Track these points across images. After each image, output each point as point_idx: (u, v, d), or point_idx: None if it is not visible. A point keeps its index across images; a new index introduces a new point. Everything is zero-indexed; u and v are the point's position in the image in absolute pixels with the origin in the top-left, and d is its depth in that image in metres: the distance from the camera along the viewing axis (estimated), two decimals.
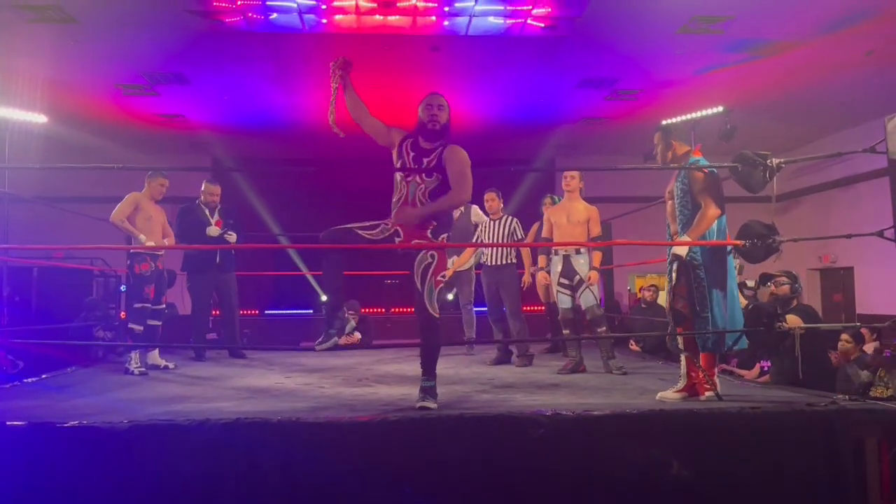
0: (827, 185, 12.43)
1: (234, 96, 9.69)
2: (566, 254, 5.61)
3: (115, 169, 4.02)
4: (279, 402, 4.05)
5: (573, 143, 12.05)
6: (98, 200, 11.09)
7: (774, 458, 3.32)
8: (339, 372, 5.55)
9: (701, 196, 3.94)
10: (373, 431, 3.18)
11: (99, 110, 9.93)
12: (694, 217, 3.95)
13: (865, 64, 8.41)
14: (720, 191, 4.00)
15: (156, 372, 5.64)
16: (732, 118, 9.00)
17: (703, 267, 3.93)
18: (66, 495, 2.99)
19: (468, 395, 4.29)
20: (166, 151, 12.31)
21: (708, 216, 3.91)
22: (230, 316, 6.88)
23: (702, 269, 3.93)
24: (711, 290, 3.92)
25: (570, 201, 5.68)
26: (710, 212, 3.91)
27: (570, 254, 5.59)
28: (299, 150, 12.37)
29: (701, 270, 3.93)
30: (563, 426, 3.26)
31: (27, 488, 3.00)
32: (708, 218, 3.91)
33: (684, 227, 4.01)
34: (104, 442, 3.03)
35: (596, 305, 5.56)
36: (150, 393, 4.50)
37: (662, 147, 4.23)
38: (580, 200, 5.66)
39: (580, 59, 8.48)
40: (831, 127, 11.33)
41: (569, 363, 5.60)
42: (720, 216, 3.97)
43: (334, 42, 8.00)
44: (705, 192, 3.93)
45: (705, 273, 3.93)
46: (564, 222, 5.64)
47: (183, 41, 7.79)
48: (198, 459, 3.04)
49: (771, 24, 7.43)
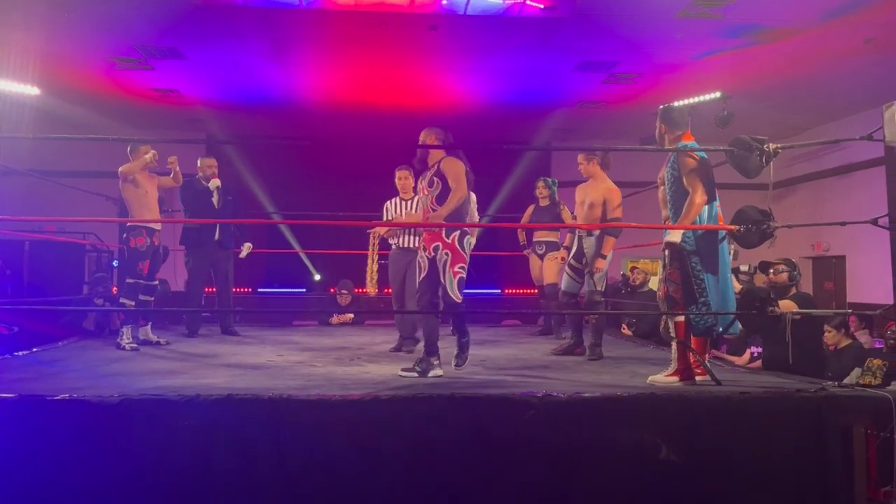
0: (821, 173, 12.43)
1: (230, 72, 9.59)
2: (580, 234, 5.49)
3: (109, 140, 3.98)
4: (271, 379, 4.05)
5: (569, 127, 12.00)
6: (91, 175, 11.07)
7: (764, 443, 3.34)
8: (331, 351, 5.57)
9: (690, 182, 3.92)
10: (364, 410, 3.18)
11: (92, 84, 9.82)
12: (684, 203, 3.94)
13: (864, 52, 8.37)
14: (710, 177, 3.98)
15: (148, 347, 5.63)
16: (730, 104, 8.99)
17: (698, 254, 3.93)
18: (55, 468, 2.99)
19: (460, 376, 4.29)
20: (160, 127, 12.20)
21: (696, 203, 3.90)
22: (225, 293, 6.86)
23: (696, 256, 3.93)
24: (706, 277, 3.92)
25: (589, 184, 5.52)
26: (697, 199, 3.89)
27: (583, 235, 5.43)
28: (295, 127, 12.30)
29: (695, 257, 3.93)
30: (554, 408, 3.27)
31: (16, 461, 3.00)
32: (696, 205, 3.90)
33: (675, 213, 4.00)
34: (94, 415, 3.03)
35: (595, 292, 5.40)
36: (141, 368, 4.49)
37: (660, 129, 4.25)
38: (602, 181, 5.45)
39: (579, 42, 8.42)
40: (829, 115, 11.30)
41: (563, 345, 5.61)
42: (709, 203, 3.95)
43: (331, 19, 7.92)
44: (694, 177, 3.91)
45: (700, 260, 3.92)
46: (579, 203, 5.55)
47: (179, 15, 7.67)
48: (188, 435, 3.04)
49: (771, 10, 7.37)
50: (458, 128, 12.58)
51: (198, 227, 6.52)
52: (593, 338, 5.37)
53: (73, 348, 5.49)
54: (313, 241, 11.10)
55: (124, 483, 3.02)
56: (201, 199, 6.55)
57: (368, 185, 11.70)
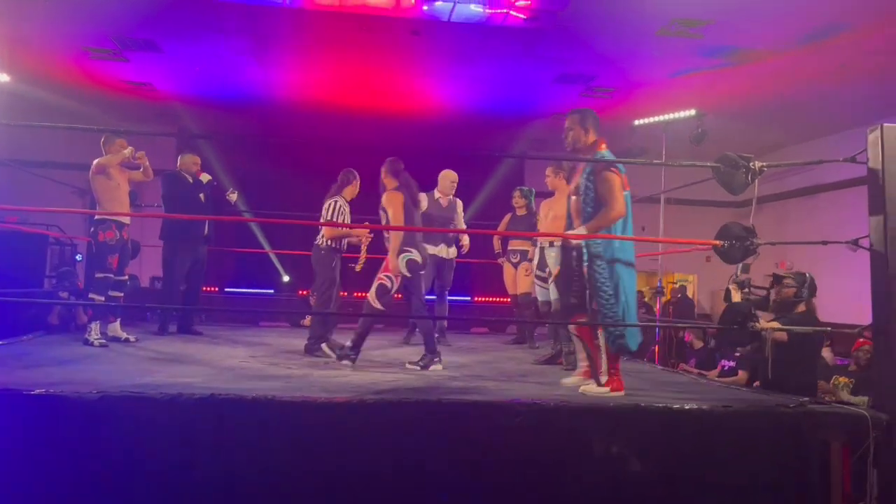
0: (786, 194, 12.73)
1: (207, 67, 9.46)
2: (542, 246, 5.61)
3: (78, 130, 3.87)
4: (249, 381, 3.97)
5: (544, 138, 12.08)
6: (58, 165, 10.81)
7: (744, 457, 3.38)
8: (305, 354, 5.48)
9: (609, 193, 3.88)
10: (350, 413, 3.14)
11: (63, 73, 9.60)
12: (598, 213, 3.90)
13: (838, 76, 8.61)
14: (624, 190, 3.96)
15: (116, 344, 5.49)
16: (704, 122, 9.15)
17: (614, 262, 3.88)
18: (31, 464, 2.89)
19: (440, 382, 4.27)
20: (132, 119, 11.95)
21: (613, 215, 3.87)
22: (196, 290, 6.73)
23: (604, 261, 3.87)
24: (620, 288, 3.86)
25: (554, 198, 5.65)
26: (615, 212, 3.87)
27: (545, 246, 5.58)
28: (271, 126, 12.15)
29: (603, 262, 3.86)
30: (540, 415, 3.26)
31: None
32: (613, 216, 3.88)
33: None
34: (72, 412, 2.93)
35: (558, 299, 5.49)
36: (113, 365, 4.38)
37: (575, 132, 4.12)
38: (564, 195, 5.57)
39: (559, 54, 8.50)
40: (800, 136, 11.58)
41: (544, 354, 5.65)
42: (625, 216, 3.95)
43: (314, 19, 7.87)
44: (614, 188, 3.88)
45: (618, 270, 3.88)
46: (542, 216, 5.66)
47: (156, 7, 7.55)
48: (170, 433, 2.97)
49: (749, 32, 7.54)
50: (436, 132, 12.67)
51: (184, 221, 6.39)
52: (565, 345, 5.41)
53: (38, 343, 5.32)
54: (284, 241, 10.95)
55: (101, 481, 2.93)
56: (190, 193, 6.43)
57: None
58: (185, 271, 6.49)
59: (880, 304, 3.54)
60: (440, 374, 4.67)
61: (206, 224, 6.51)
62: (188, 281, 6.57)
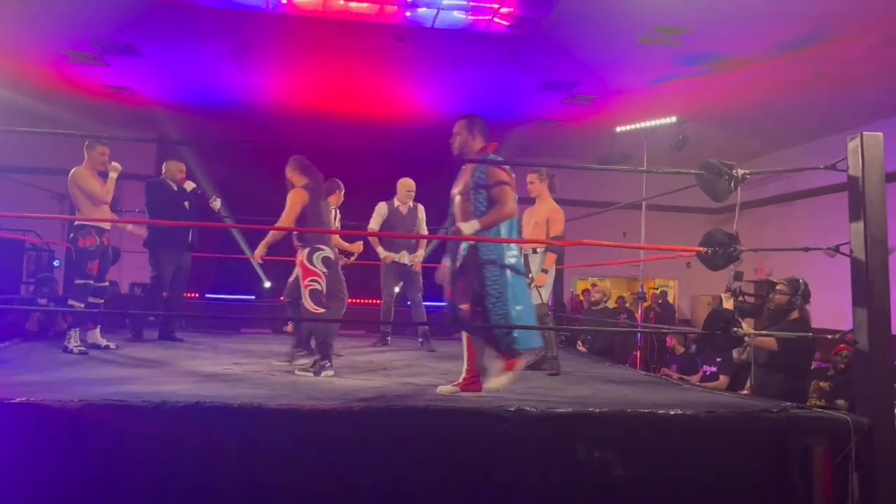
0: (763, 201, 12.91)
1: (188, 72, 9.41)
2: (525, 252, 5.64)
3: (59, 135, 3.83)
4: (233, 387, 3.94)
5: (527, 145, 12.15)
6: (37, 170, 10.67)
7: (727, 462, 3.40)
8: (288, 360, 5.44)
9: (500, 193, 3.93)
10: (338, 420, 3.12)
11: (42, 77, 9.49)
12: None
13: (815, 84, 8.74)
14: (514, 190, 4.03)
15: (96, 351, 5.42)
16: (685, 129, 9.24)
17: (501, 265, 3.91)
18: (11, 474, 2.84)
19: (425, 388, 4.26)
20: (112, 124, 11.83)
21: (507, 211, 3.93)
22: (178, 297, 6.68)
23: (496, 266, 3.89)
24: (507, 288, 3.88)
25: (535, 205, 5.70)
26: (508, 209, 3.93)
27: (528, 253, 5.62)
28: (253, 131, 12.10)
29: (495, 268, 3.89)
30: (526, 422, 3.26)
31: None
32: (505, 213, 3.93)
33: None
34: (54, 421, 2.88)
35: (539, 305, 5.44)
36: (94, 373, 4.31)
37: (462, 137, 4.18)
38: (545, 202, 5.65)
39: (542, 61, 8.55)
40: (779, 143, 11.75)
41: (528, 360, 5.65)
42: (514, 216, 4.01)
43: (296, 24, 7.86)
44: (505, 189, 3.94)
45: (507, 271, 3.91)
46: (525, 224, 5.69)
47: (136, 11, 7.50)
48: (154, 441, 2.93)
49: (727, 40, 7.65)
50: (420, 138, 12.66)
51: (170, 228, 6.33)
52: (549, 349, 5.44)
53: (17, 350, 5.24)
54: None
55: (83, 491, 2.88)
56: (174, 201, 6.38)
57: None
58: (168, 279, 6.44)
59: (860, 309, 3.59)
60: (425, 381, 4.65)
61: (191, 232, 6.48)
62: (171, 288, 6.51)
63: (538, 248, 5.57)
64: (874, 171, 3.60)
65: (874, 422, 3.46)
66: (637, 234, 8.75)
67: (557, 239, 5.49)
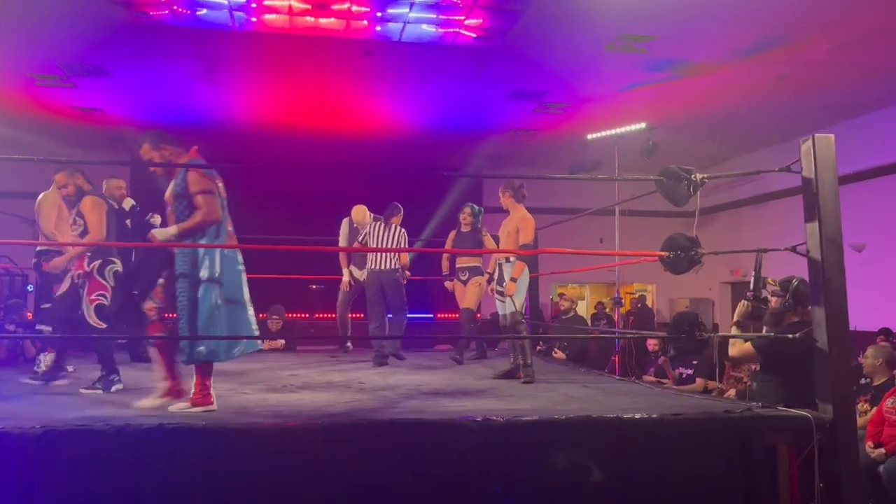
0: (738, 202, 13.06)
1: (158, 92, 9.38)
2: (499, 261, 5.71)
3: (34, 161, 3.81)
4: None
5: (501, 155, 12.22)
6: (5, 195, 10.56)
7: (694, 463, 3.44)
8: (261, 378, 5.43)
9: (203, 199, 3.90)
10: (301, 437, 3.12)
11: (10, 100, 9.44)
12: None
13: (777, 88, 8.88)
14: (220, 195, 4.01)
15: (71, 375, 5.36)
16: (654, 135, 9.34)
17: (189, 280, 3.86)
18: None
19: (396, 401, 4.27)
20: (83, 146, 11.78)
21: (205, 220, 3.87)
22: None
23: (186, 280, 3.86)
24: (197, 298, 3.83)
25: (508, 216, 5.73)
26: (207, 217, 3.87)
27: (502, 262, 5.69)
28: (226, 149, 12.07)
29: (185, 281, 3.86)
30: (492, 432, 3.28)
31: None
32: (204, 221, 3.87)
33: None
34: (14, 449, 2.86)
35: (513, 313, 5.54)
36: (65, 398, 4.29)
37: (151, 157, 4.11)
38: (516, 211, 5.67)
39: (511, 71, 8.62)
40: (746, 146, 11.90)
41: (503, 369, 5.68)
42: (218, 222, 3.95)
43: (265, 42, 7.88)
44: (207, 195, 3.90)
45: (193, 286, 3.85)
46: (501, 233, 5.76)
47: (104, 32, 7.48)
48: (117, 466, 2.91)
49: (691, 46, 7.76)
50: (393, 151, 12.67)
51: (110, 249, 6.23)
52: (523, 358, 5.47)
53: None
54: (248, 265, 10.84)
55: None
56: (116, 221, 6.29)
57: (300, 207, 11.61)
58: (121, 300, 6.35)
59: (818, 308, 3.64)
60: (396, 393, 4.65)
61: (133, 252, 6.35)
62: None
63: (511, 258, 5.61)
64: (827, 172, 3.67)
65: (835, 417, 3.52)
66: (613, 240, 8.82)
67: (526, 247, 5.52)
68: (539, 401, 4.38)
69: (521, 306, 5.62)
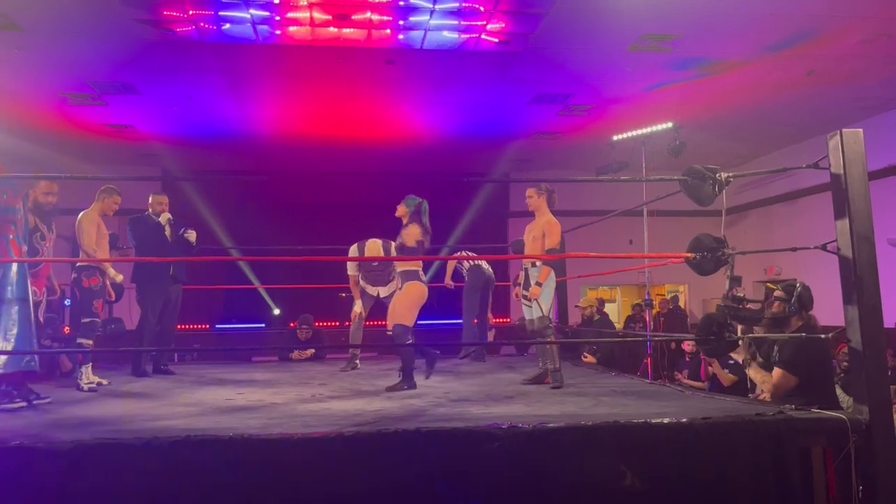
0: (770, 199, 12.83)
1: (185, 107, 9.53)
2: (526, 267, 5.69)
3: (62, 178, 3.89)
4: (231, 418, 3.96)
5: (526, 158, 12.18)
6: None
7: (725, 467, 3.38)
8: (292, 387, 5.47)
9: None
10: (328, 447, 3.13)
11: (43, 119, 9.67)
12: None
13: (807, 83, 8.71)
14: None
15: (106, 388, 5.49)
16: (681, 134, 9.21)
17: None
18: None
19: (424, 409, 4.27)
20: (114, 162, 12.02)
21: None
22: (171, 330, 6.74)
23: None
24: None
25: (534, 219, 5.71)
26: None
27: (528, 267, 5.66)
28: (251, 161, 12.25)
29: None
30: (518, 439, 3.26)
31: None
32: None
33: None
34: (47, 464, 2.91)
35: (539, 318, 5.52)
36: (99, 410, 4.36)
37: None
38: (542, 215, 5.63)
39: (534, 75, 8.59)
40: (775, 144, 11.69)
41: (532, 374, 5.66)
42: None
43: (288, 54, 7.95)
44: None
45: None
46: (526, 238, 5.73)
47: (132, 51, 7.63)
48: (146, 478, 2.95)
49: (717, 43, 7.64)
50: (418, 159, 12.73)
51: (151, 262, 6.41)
52: (552, 363, 5.44)
53: None
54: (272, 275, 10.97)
55: None
56: (154, 233, 6.48)
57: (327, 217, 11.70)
58: (157, 312, 6.51)
59: (851, 307, 3.56)
60: (424, 401, 4.65)
61: (171, 264, 6.51)
62: (161, 321, 6.57)
63: (537, 262, 5.56)
64: (856, 167, 3.60)
65: (872, 418, 3.43)
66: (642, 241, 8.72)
67: (552, 252, 5.48)
68: (568, 406, 4.34)
69: (549, 311, 5.59)
